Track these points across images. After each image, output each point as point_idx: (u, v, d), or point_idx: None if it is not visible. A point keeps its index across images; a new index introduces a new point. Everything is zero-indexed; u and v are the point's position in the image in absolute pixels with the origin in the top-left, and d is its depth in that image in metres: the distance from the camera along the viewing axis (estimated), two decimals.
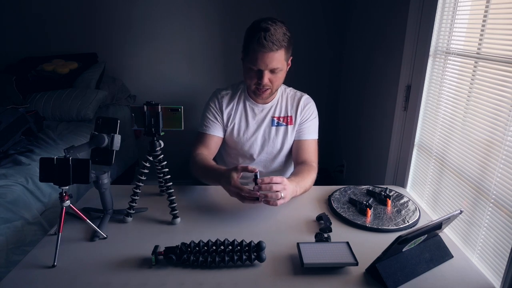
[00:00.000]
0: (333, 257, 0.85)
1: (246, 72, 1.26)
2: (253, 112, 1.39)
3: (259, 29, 1.16)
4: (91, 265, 0.86)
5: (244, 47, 1.25)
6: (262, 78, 1.22)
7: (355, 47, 2.46)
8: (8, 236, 1.32)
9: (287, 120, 1.39)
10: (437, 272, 0.86)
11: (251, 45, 1.18)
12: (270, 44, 1.15)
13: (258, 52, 1.17)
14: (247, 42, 1.21)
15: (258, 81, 1.24)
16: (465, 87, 1.16)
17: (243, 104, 1.39)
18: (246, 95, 1.39)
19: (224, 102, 1.38)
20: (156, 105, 0.95)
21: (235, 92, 1.40)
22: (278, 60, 1.20)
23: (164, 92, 2.82)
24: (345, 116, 2.71)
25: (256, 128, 1.39)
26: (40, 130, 1.99)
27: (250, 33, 1.19)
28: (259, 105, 1.38)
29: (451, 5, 1.28)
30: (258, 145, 1.40)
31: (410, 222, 1.05)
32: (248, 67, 1.23)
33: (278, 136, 1.39)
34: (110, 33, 2.67)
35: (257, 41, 1.15)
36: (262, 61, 1.18)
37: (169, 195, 1.03)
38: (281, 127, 1.39)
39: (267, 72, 1.21)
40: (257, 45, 1.16)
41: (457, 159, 1.18)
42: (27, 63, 2.52)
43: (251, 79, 1.26)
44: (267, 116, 1.39)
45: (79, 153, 0.91)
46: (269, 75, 1.23)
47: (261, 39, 1.15)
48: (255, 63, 1.19)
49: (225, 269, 0.85)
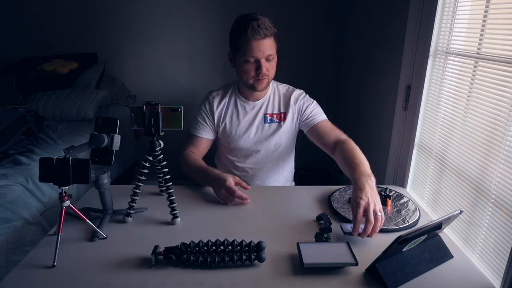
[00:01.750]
0: (333, 257, 0.85)
1: (241, 67, 1.28)
2: (244, 109, 1.40)
3: (248, 20, 1.20)
4: (91, 265, 0.86)
5: (233, 45, 1.28)
6: (261, 66, 1.24)
7: (355, 47, 2.46)
8: (8, 236, 1.32)
9: (280, 117, 1.40)
10: (437, 272, 0.86)
11: (243, 38, 1.21)
12: (263, 31, 1.19)
13: (252, 40, 1.20)
14: (236, 37, 1.24)
15: (256, 72, 1.26)
16: (465, 87, 1.16)
17: (234, 102, 1.40)
18: (237, 93, 1.41)
19: (215, 102, 1.40)
20: (156, 105, 0.95)
21: (226, 92, 1.43)
22: (271, 46, 1.24)
23: (164, 92, 2.82)
24: (345, 116, 2.71)
25: (248, 126, 1.39)
26: (40, 130, 1.99)
27: (239, 27, 1.23)
28: (250, 102, 1.39)
29: (451, 5, 1.28)
30: (251, 142, 1.40)
31: (410, 222, 1.05)
32: (243, 60, 1.25)
33: (271, 133, 1.40)
34: (110, 33, 2.67)
35: (250, 30, 1.19)
36: (258, 48, 1.21)
37: (169, 195, 1.03)
38: (273, 124, 1.40)
39: (264, 60, 1.24)
40: (250, 34, 1.19)
41: (457, 159, 1.18)
42: (27, 63, 2.51)
43: (248, 72, 1.27)
44: (259, 113, 1.40)
45: (79, 153, 0.91)
46: (266, 64, 1.25)
47: (254, 27, 1.19)
48: (251, 52, 1.22)
49: (225, 269, 0.85)
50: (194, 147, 1.41)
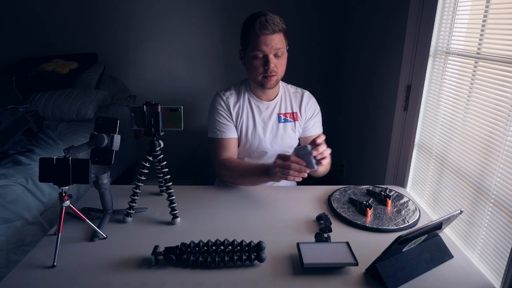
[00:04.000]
0: (333, 257, 0.85)
1: (250, 63, 1.27)
2: (259, 109, 1.38)
3: (257, 16, 1.22)
4: (91, 265, 0.86)
5: (243, 41, 1.28)
6: (269, 62, 1.24)
7: (355, 48, 2.46)
8: (8, 236, 1.32)
9: (293, 116, 1.40)
10: (437, 272, 0.86)
11: (251, 33, 1.22)
12: (272, 26, 1.20)
13: (260, 35, 1.21)
14: (246, 33, 1.25)
15: (264, 68, 1.25)
16: (465, 87, 1.16)
17: (248, 103, 1.38)
18: (250, 93, 1.39)
19: (231, 102, 1.37)
20: (155, 105, 0.95)
21: (239, 91, 1.40)
22: (280, 41, 1.24)
23: (164, 92, 2.82)
24: (345, 116, 2.72)
25: (263, 126, 1.38)
26: (40, 130, 1.99)
27: (248, 24, 1.24)
28: (264, 102, 1.38)
29: (451, 5, 1.28)
30: (267, 142, 1.39)
31: (410, 222, 1.05)
32: (252, 56, 1.25)
33: (287, 132, 1.40)
34: (110, 33, 2.67)
35: (258, 26, 1.20)
36: (266, 43, 1.22)
37: (169, 195, 1.03)
38: (288, 123, 1.40)
39: (272, 56, 1.24)
40: (259, 29, 1.20)
41: (457, 159, 1.18)
42: (27, 63, 2.52)
43: (257, 69, 1.26)
44: (273, 113, 1.39)
45: (78, 153, 0.91)
46: (274, 60, 1.25)
47: (262, 22, 1.20)
48: (260, 47, 1.22)
49: (225, 269, 0.85)
50: (227, 151, 1.34)
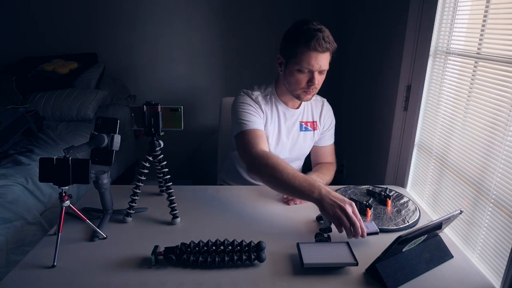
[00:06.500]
0: (333, 257, 0.85)
1: (292, 75, 1.22)
2: (284, 116, 1.36)
3: (312, 30, 1.15)
4: (91, 265, 0.86)
5: (288, 50, 1.22)
6: (314, 79, 1.20)
7: (355, 47, 2.46)
8: (8, 236, 1.32)
9: (313, 126, 1.41)
10: (437, 272, 0.86)
11: (302, 46, 1.16)
12: (327, 45, 1.16)
13: (312, 52, 1.16)
14: (294, 44, 1.19)
15: (308, 84, 1.22)
16: (465, 87, 1.15)
17: (276, 108, 1.35)
18: (277, 99, 1.35)
19: (261, 102, 1.32)
20: (156, 105, 0.95)
21: (266, 95, 1.35)
22: (328, 60, 1.22)
23: (164, 92, 2.82)
24: (345, 116, 2.71)
25: (286, 133, 1.37)
26: (40, 130, 1.99)
27: (299, 35, 1.17)
28: (290, 109, 1.37)
29: (451, 5, 1.28)
30: (286, 150, 1.38)
31: (410, 222, 1.05)
32: (297, 69, 1.20)
33: (306, 141, 1.41)
34: (110, 33, 2.67)
35: (314, 42, 1.14)
36: (317, 62, 1.17)
37: (169, 195, 1.03)
38: (308, 133, 1.40)
39: (317, 73, 1.21)
40: (313, 46, 1.14)
41: (457, 159, 1.18)
42: (27, 63, 2.51)
43: (299, 82, 1.22)
44: (296, 121, 1.39)
45: (78, 153, 0.91)
46: (318, 77, 1.23)
47: (319, 40, 1.14)
48: (308, 64, 1.18)
49: (225, 269, 0.85)
50: (262, 142, 1.19)
